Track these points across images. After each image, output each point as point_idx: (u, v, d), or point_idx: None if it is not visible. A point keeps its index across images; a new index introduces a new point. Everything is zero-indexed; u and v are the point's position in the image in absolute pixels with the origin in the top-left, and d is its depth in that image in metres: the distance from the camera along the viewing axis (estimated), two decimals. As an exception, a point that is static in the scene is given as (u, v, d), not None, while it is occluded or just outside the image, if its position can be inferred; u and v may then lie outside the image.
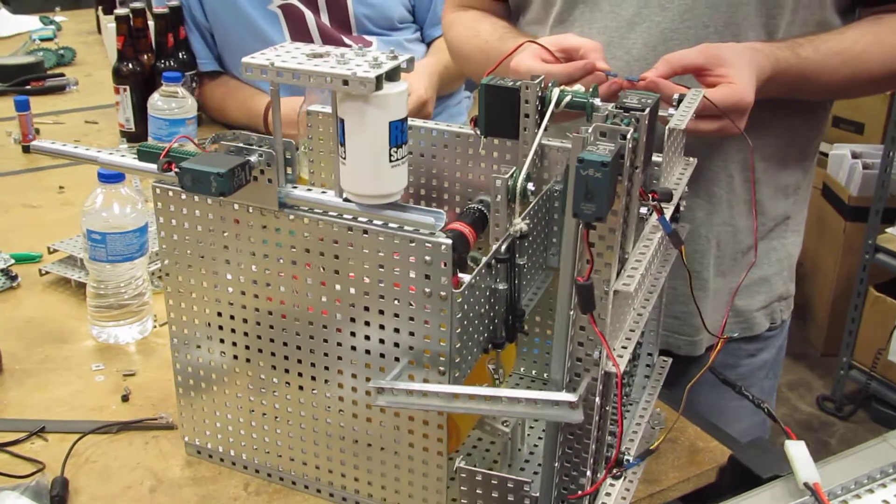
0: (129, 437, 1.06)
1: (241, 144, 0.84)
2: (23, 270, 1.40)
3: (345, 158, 0.80)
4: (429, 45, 2.15)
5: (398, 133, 0.78)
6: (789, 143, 1.25)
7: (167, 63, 1.95)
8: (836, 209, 3.21)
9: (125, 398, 1.12)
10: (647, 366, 1.08)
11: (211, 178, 0.78)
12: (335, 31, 2.00)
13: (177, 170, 0.80)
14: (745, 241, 1.27)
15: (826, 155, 3.21)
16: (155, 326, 1.27)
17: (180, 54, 1.99)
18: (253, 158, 0.82)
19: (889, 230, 2.87)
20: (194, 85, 2.01)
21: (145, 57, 1.97)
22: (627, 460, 0.89)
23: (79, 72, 2.45)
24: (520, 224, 0.89)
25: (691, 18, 1.16)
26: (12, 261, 1.38)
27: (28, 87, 2.28)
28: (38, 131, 1.98)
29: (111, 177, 1.18)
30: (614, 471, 0.87)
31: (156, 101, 1.70)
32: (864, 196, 3.01)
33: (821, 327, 3.38)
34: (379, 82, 0.75)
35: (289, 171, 0.85)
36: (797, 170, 1.29)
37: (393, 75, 0.77)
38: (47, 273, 1.39)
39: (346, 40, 2.00)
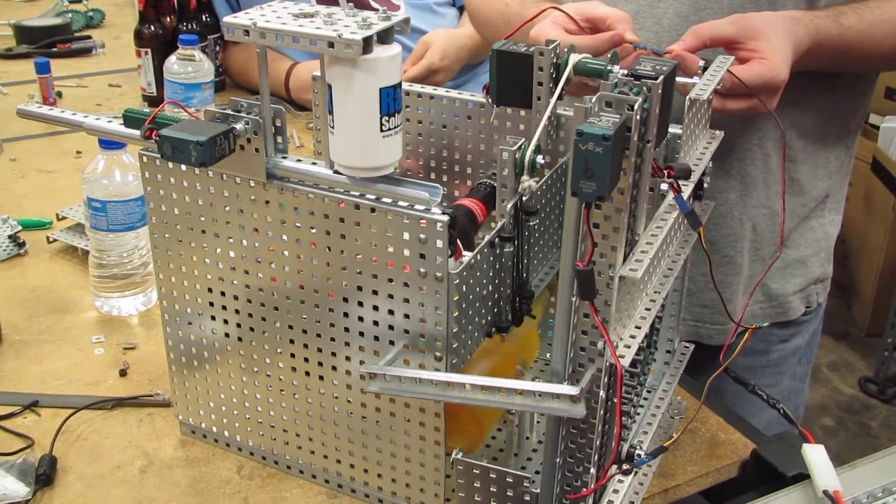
0: (123, 413, 1.02)
1: (228, 111, 0.79)
2: (31, 237, 1.37)
3: (333, 128, 0.74)
4: (461, 9, 2.07)
5: (390, 101, 0.72)
6: (830, 118, 1.17)
7: (189, 26, 1.90)
8: (886, 184, 3.08)
9: (123, 373, 1.08)
10: (668, 352, 1.01)
11: (191, 147, 0.73)
12: (362, -6, 1.93)
13: (156, 138, 0.74)
14: (785, 224, 1.19)
15: (877, 128, 3.08)
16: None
17: (203, 17, 1.94)
18: (238, 126, 0.77)
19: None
20: (218, 49, 1.97)
21: (167, 19, 1.92)
22: (639, 455, 0.83)
23: (106, 34, 2.42)
24: (528, 181, 0.81)
25: None
26: (20, 227, 1.35)
27: (54, 49, 2.25)
28: (60, 94, 1.95)
29: (112, 143, 1.14)
30: (624, 466, 0.81)
31: (172, 64, 1.65)
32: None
33: (865, 306, 3.26)
34: (367, 45, 0.69)
35: (279, 139, 0.80)
36: (838, 146, 1.20)
37: (385, 37, 0.71)
38: (55, 241, 1.35)
39: (374, 3, 1.94)
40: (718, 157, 1.11)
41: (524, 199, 0.81)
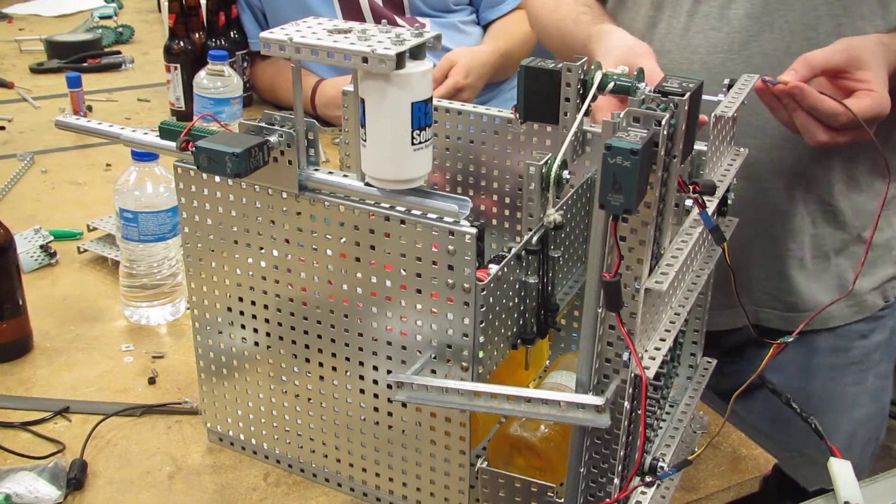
0: (152, 420, 1.04)
1: (262, 124, 0.81)
2: (62, 247, 1.39)
3: (365, 141, 0.76)
4: (485, 27, 2.10)
5: (421, 115, 0.74)
6: None
7: (218, 42, 1.93)
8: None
9: (152, 381, 1.10)
10: (691, 366, 1.02)
11: (226, 159, 0.75)
12: (388, 12, 1.96)
13: (193, 149, 0.76)
14: (851, 223, 1.21)
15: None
16: (187, 308, 1.25)
17: (232, 33, 1.97)
18: (272, 139, 0.79)
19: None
20: (245, 64, 2.00)
21: (196, 35, 1.95)
22: (662, 468, 0.84)
23: (136, 50, 2.46)
24: (553, 215, 0.84)
25: None
26: (51, 237, 1.38)
27: (85, 63, 2.29)
28: (90, 108, 1.98)
29: (145, 155, 1.16)
30: (647, 478, 0.82)
31: (202, 79, 1.68)
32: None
33: None
34: (400, 60, 0.71)
35: (311, 152, 0.82)
36: None
37: (417, 53, 0.73)
38: (85, 251, 1.38)
39: (400, 21, 1.96)
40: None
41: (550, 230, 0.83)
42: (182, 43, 1.92)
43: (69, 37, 2.42)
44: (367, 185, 0.78)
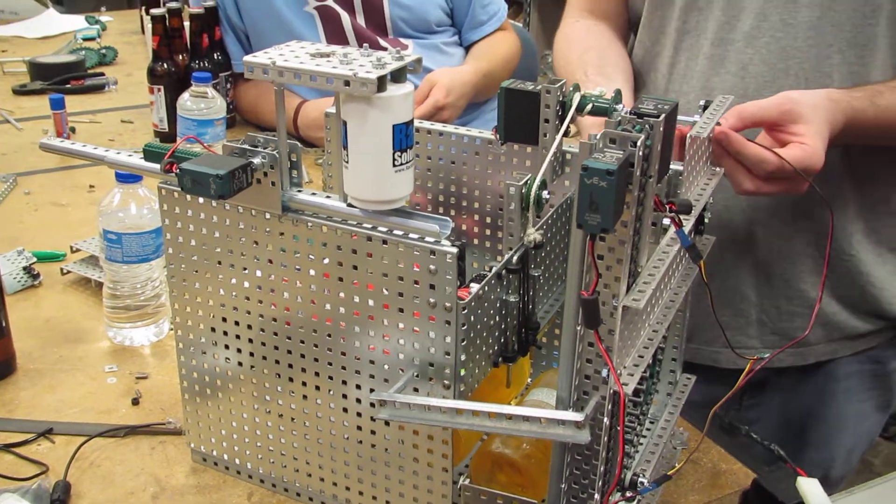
0: (135, 441, 1.04)
1: (245, 146, 0.82)
2: (45, 269, 1.39)
3: (347, 162, 0.77)
4: (468, 49, 2.12)
5: (402, 137, 0.75)
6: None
7: (201, 63, 1.94)
8: None
9: (135, 401, 1.10)
10: (670, 383, 1.03)
11: (210, 180, 0.76)
12: (371, 33, 1.98)
13: (177, 171, 0.77)
14: (849, 252, 1.23)
15: None
16: (171, 329, 1.25)
17: (215, 55, 1.98)
18: (256, 160, 0.80)
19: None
20: (228, 86, 2.01)
21: (180, 57, 1.96)
22: (642, 483, 0.85)
23: (119, 71, 2.46)
24: (533, 234, 0.85)
25: (815, 37, 1.12)
26: (35, 259, 1.38)
27: (68, 85, 2.29)
28: (73, 130, 1.99)
29: (129, 177, 1.17)
30: (627, 493, 0.83)
31: (185, 101, 1.69)
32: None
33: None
34: (381, 83, 0.72)
35: (294, 173, 0.83)
36: None
37: (398, 76, 0.74)
38: (68, 272, 1.38)
39: (382, 42, 1.98)
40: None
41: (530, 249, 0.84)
42: (165, 65, 1.93)
43: (52, 58, 2.42)
44: (350, 205, 0.79)
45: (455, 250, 0.75)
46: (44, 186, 1.73)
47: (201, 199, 0.86)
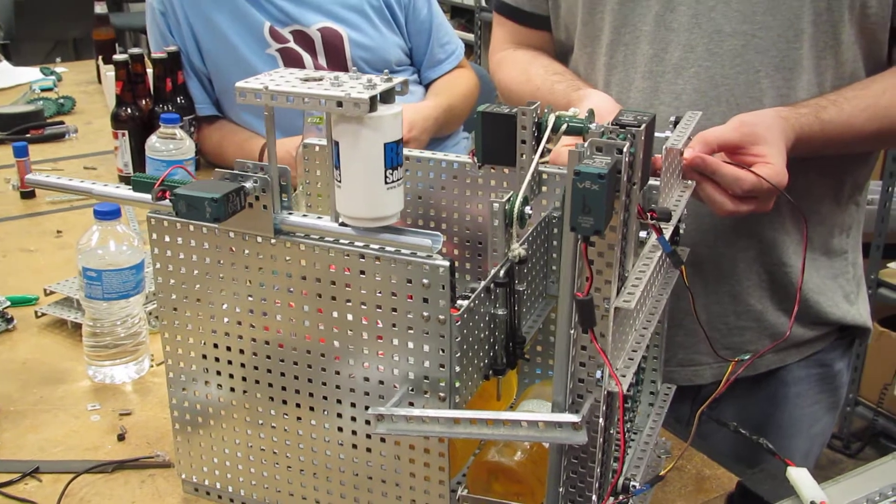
0: (124, 476, 1.04)
1: (235, 171, 0.84)
2: (19, 313, 1.39)
3: (339, 181, 0.79)
4: (427, 86, 2.16)
5: (393, 155, 0.78)
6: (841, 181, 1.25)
7: (165, 108, 1.96)
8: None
9: (121, 437, 1.10)
10: (651, 393, 1.06)
11: (205, 204, 0.78)
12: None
13: (171, 197, 0.79)
14: (788, 263, 1.26)
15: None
16: (152, 366, 1.25)
17: (178, 99, 1.99)
18: (248, 184, 0.82)
19: (891, 265, 2.85)
20: (192, 129, 2.02)
21: (144, 102, 1.98)
22: (634, 486, 0.87)
23: (78, 120, 2.46)
24: (518, 249, 0.88)
25: (742, 63, 1.15)
26: (8, 303, 1.37)
27: (28, 135, 2.28)
28: (36, 178, 1.98)
29: (107, 213, 1.17)
30: (621, 497, 0.85)
31: (154, 142, 1.70)
32: (865, 232, 3.00)
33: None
34: (373, 103, 0.75)
35: (284, 197, 0.85)
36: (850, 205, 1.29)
37: (387, 97, 0.77)
38: (43, 315, 1.38)
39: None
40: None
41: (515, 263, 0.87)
42: (129, 109, 1.94)
43: (10, 109, 2.41)
44: (342, 224, 0.81)
45: (448, 263, 0.78)
46: (10, 234, 1.72)
47: (192, 227, 0.88)
